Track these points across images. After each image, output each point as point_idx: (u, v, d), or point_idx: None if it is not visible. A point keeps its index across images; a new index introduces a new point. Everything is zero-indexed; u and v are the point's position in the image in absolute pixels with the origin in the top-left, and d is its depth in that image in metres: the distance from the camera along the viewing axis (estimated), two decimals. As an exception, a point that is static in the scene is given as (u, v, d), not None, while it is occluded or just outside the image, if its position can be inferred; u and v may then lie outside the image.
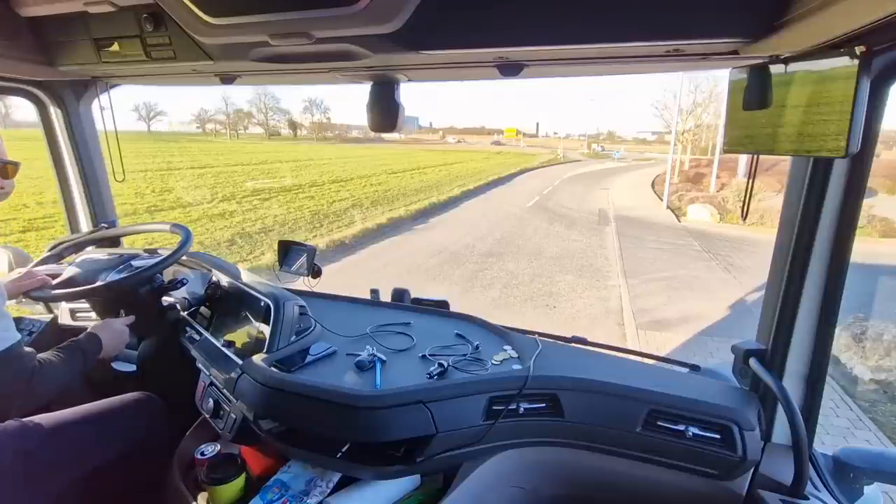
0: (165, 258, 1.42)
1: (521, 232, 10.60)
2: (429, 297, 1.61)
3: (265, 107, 74.20)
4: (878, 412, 3.66)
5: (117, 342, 1.30)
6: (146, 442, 1.29)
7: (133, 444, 1.26)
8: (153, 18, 1.12)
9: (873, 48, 0.67)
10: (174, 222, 1.59)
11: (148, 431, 1.30)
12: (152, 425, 1.32)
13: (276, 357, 1.15)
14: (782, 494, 0.98)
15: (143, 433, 1.29)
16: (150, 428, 1.32)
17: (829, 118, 0.71)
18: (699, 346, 4.94)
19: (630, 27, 0.82)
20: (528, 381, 1.08)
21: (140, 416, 1.31)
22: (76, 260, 1.56)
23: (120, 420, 1.27)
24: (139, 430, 1.29)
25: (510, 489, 1.18)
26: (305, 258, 1.50)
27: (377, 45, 0.97)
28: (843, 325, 4.28)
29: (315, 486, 1.09)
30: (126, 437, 1.26)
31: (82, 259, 1.55)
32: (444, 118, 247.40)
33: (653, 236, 10.81)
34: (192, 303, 1.44)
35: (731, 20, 0.78)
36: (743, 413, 1.04)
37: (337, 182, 18.55)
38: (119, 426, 1.27)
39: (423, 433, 1.00)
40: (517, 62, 1.04)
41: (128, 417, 1.29)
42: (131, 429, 1.28)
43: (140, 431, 1.29)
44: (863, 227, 9.86)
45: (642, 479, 1.13)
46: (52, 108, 1.70)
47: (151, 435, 1.31)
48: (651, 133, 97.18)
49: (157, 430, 1.33)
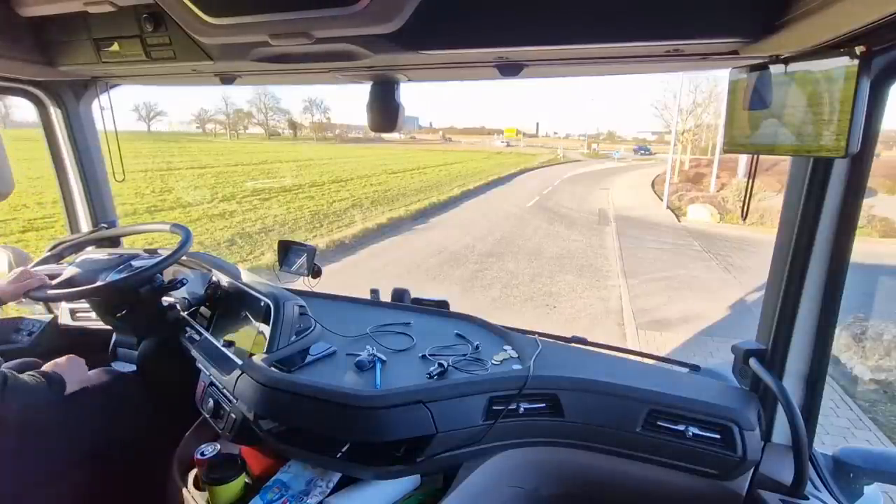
0: (165, 258, 1.42)
1: (521, 232, 10.60)
2: (429, 297, 1.61)
3: (265, 107, 74.22)
4: (878, 412, 3.66)
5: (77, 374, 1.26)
6: (146, 442, 1.29)
7: (133, 444, 1.27)
8: (153, 18, 1.12)
9: (873, 48, 0.67)
10: (174, 222, 1.59)
11: (148, 431, 1.31)
12: (152, 425, 1.33)
13: (276, 357, 1.15)
14: (782, 494, 0.98)
15: (143, 433, 1.29)
16: (151, 428, 1.32)
17: (829, 118, 0.71)
18: (699, 345, 4.94)
19: (630, 27, 0.82)
20: (527, 381, 1.08)
21: (140, 417, 1.31)
22: (76, 260, 1.55)
23: (120, 420, 1.28)
24: (139, 430, 1.29)
25: (510, 489, 1.18)
26: (305, 258, 1.50)
27: (377, 45, 0.97)
28: (843, 325, 4.28)
29: (315, 486, 1.09)
30: (126, 437, 1.26)
31: (82, 259, 1.55)
32: (444, 118, 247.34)
33: (653, 236, 10.81)
34: (193, 303, 1.44)
35: (731, 20, 0.78)
36: (743, 413, 1.04)
37: (337, 182, 18.56)
38: (119, 426, 1.27)
39: (423, 433, 1.00)
40: (517, 62, 1.04)
41: (128, 417, 1.29)
42: (132, 429, 1.28)
43: (140, 431, 1.29)
44: (863, 226, 9.87)
45: (642, 479, 1.13)
46: (52, 108, 1.70)
47: (152, 435, 1.31)
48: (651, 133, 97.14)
49: (157, 431, 1.33)
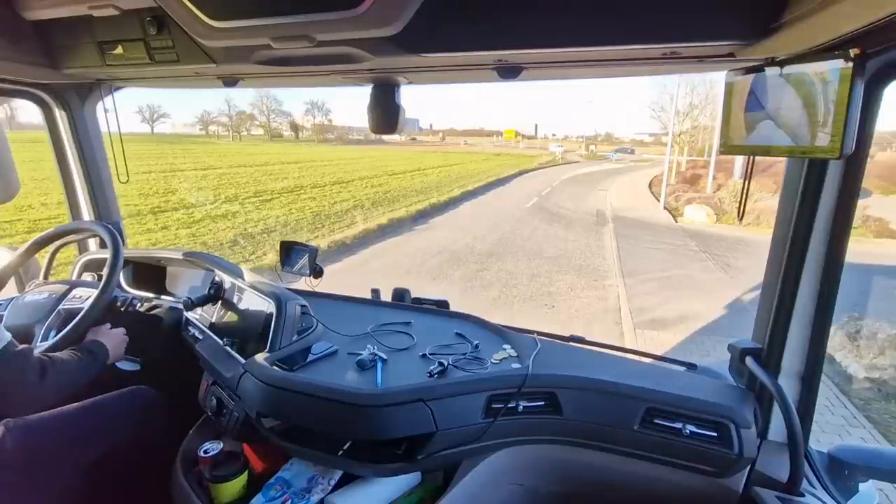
0: (95, 300, 1.34)
1: (521, 232, 10.61)
2: (429, 297, 1.62)
3: (267, 109, 74.19)
4: (872, 410, 3.68)
5: (119, 349, 1.31)
6: (150, 440, 1.30)
7: (137, 442, 1.28)
8: (156, 22, 1.13)
9: (867, 50, 0.68)
10: (95, 221, 1.53)
11: (152, 429, 1.32)
12: (156, 423, 1.34)
13: (278, 356, 1.16)
14: (778, 491, 0.99)
15: (146, 431, 1.30)
16: (154, 426, 1.33)
17: (824, 120, 0.72)
18: (696, 344, 4.96)
19: (627, 30, 0.84)
20: (526, 379, 1.09)
21: (144, 415, 1.32)
22: (9, 306, 1.45)
23: (124, 418, 1.29)
24: (143, 429, 1.30)
25: (509, 486, 1.19)
26: (307, 258, 1.50)
27: (378, 47, 0.98)
28: (837, 325, 4.30)
29: (317, 483, 1.10)
30: (130, 435, 1.27)
31: (15, 305, 1.44)
32: (444, 120, 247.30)
33: (650, 237, 10.83)
34: (196, 302, 1.45)
35: (727, 23, 0.79)
36: (739, 411, 1.05)
37: (338, 183, 18.53)
38: (123, 424, 1.28)
39: (424, 431, 1.01)
40: (516, 65, 1.06)
41: (132, 416, 1.30)
42: (135, 427, 1.29)
43: (144, 429, 1.30)
44: (857, 227, 9.89)
45: (640, 476, 1.14)
46: (57, 110, 1.71)
47: (155, 433, 1.32)
48: (648, 135, 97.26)
49: (160, 429, 1.34)
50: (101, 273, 1.57)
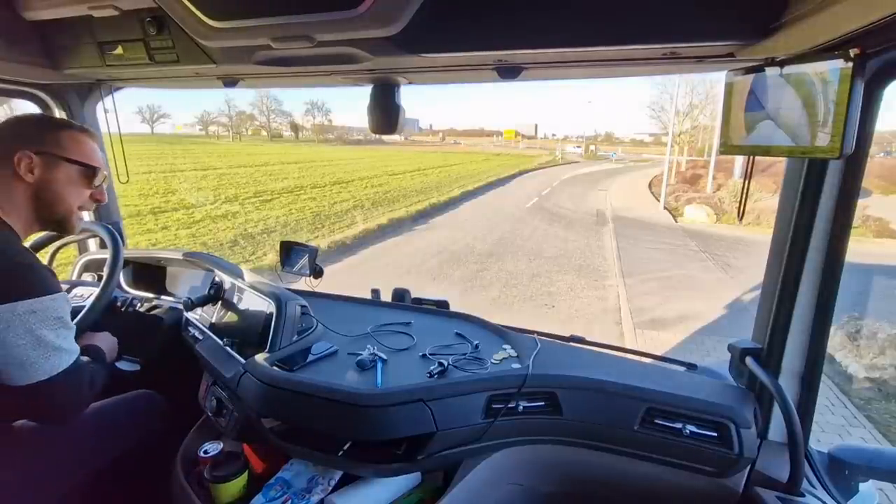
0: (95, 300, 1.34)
1: (521, 232, 10.61)
2: (429, 297, 1.62)
3: (267, 109, 74.24)
4: (872, 410, 3.68)
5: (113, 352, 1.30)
6: (150, 440, 1.30)
7: (137, 443, 1.27)
8: (156, 22, 1.13)
9: (867, 51, 0.68)
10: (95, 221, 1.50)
11: (151, 430, 1.31)
12: (156, 424, 1.33)
13: (278, 356, 1.16)
14: (778, 491, 0.99)
15: (146, 432, 1.30)
16: (154, 426, 1.33)
17: (824, 120, 0.72)
18: (696, 344, 4.96)
19: (627, 30, 0.84)
20: (526, 379, 1.09)
21: (144, 415, 1.32)
22: None
23: (124, 419, 1.28)
24: (143, 429, 1.30)
25: (509, 486, 1.19)
26: (307, 258, 1.50)
27: (378, 48, 0.98)
28: (837, 324, 4.30)
29: (316, 483, 1.10)
30: (130, 436, 1.27)
31: None
32: (444, 120, 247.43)
33: (650, 236, 10.84)
34: (196, 302, 1.45)
35: (727, 23, 0.79)
36: (739, 411, 1.05)
37: (338, 183, 18.52)
38: (123, 425, 1.28)
39: (424, 431, 1.01)
40: (516, 65, 1.06)
41: (132, 416, 1.30)
42: (135, 427, 1.29)
43: (144, 430, 1.30)
44: (857, 227, 9.89)
45: (640, 476, 1.14)
46: (57, 110, 1.71)
47: (155, 433, 1.32)
48: (648, 135, 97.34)
49: (160, 429, 1.34)
50: (101, 273, 1.57)
